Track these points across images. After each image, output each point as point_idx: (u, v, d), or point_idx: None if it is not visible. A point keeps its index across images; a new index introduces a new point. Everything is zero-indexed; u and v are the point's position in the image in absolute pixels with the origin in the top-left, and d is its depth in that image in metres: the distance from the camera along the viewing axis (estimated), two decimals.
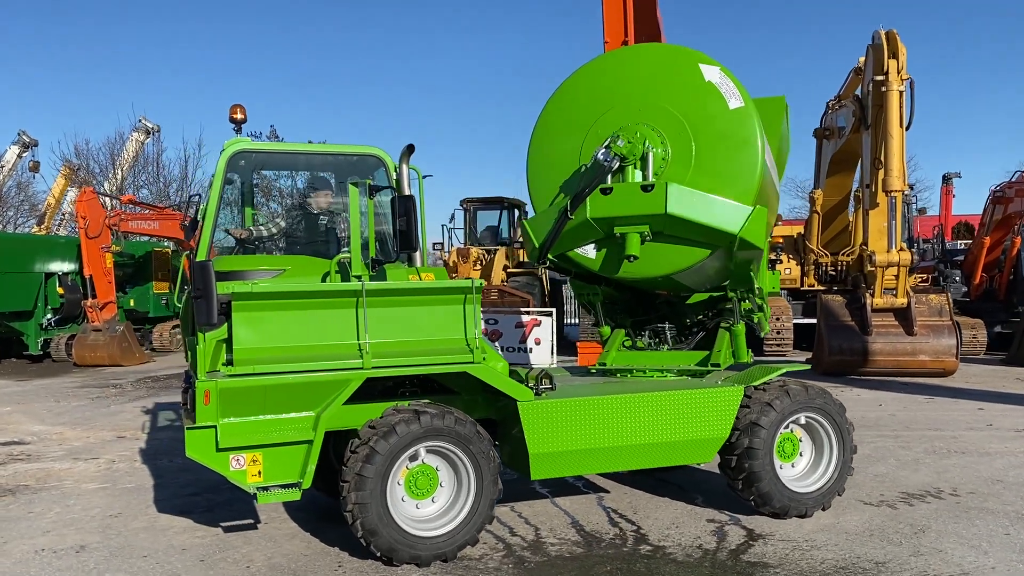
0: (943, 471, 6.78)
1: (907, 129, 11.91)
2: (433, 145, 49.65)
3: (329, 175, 5.94)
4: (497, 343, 13.83)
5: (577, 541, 5.09)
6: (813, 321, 14.68)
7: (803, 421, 5.51)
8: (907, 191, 14.70)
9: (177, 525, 5.58)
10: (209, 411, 4.44)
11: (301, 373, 4.55)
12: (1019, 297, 17.10)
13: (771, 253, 6.78)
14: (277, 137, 27.17)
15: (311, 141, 5.90)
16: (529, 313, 14.60)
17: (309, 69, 60.88)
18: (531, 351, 14.23)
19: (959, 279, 18.30)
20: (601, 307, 6.34)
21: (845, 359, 12.98)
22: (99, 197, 18.83)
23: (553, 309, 15.16)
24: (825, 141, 16.05)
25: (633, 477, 6.56)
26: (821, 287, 15.96)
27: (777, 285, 6.69)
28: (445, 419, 4.66)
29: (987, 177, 64.46)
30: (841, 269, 15.99)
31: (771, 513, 5.39)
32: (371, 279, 4.94)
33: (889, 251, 12.77)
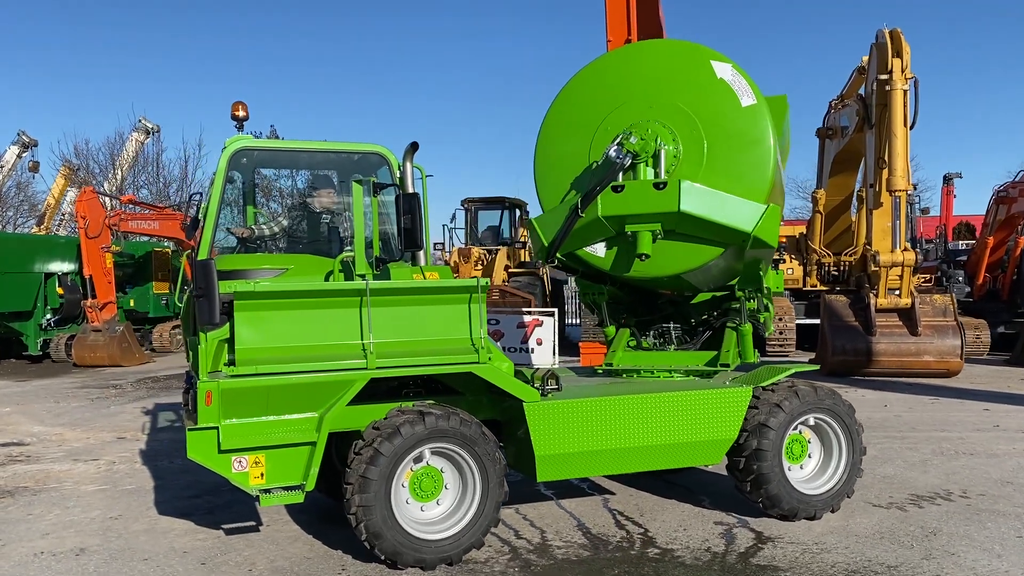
0: (952, 472, 6.72)
1: (911, 128, 11.86)
2: (433, 145, 49.55)
3: (332, 173, 5.87)
4: (499, 343, 13.77)
5: (583, 544, 5.03)
6: (815, 321, 14.65)
7: (812, 422, 5.45)
8: (911, 191, 14.65)
9: (178, 527, 5.52)
10: (211, 412, 4.38)
11: (304, 374, 4.49)
12: (1022, 297, 17.06)
13: (775, 253, 6.74)
14: (277, 137, 27.08)
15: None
16: (531, 313, 14.54)
17: (309, 69, 60.99)
18: (533, 351, 14.17)
19: (962, 279, 18.27)
20: (606, 307, 6.28)
21: (849, 359, 12.95)
22: (99, 197, 18.77)
23: (555, 309, 15.11)
24: (828, 141, 16.00)
25: (639, 479, 6.49)
26: (824, 287, 15.95)
27: (781, 285, 6.63)
28: (450, 420, 4.59)
29: (988, 177, 64.64)
30: (844, 269, 15.98)
31: (780, 515, 5.33)
32: (375, 278, 4.87)
33: (893, 251, 12.76)
